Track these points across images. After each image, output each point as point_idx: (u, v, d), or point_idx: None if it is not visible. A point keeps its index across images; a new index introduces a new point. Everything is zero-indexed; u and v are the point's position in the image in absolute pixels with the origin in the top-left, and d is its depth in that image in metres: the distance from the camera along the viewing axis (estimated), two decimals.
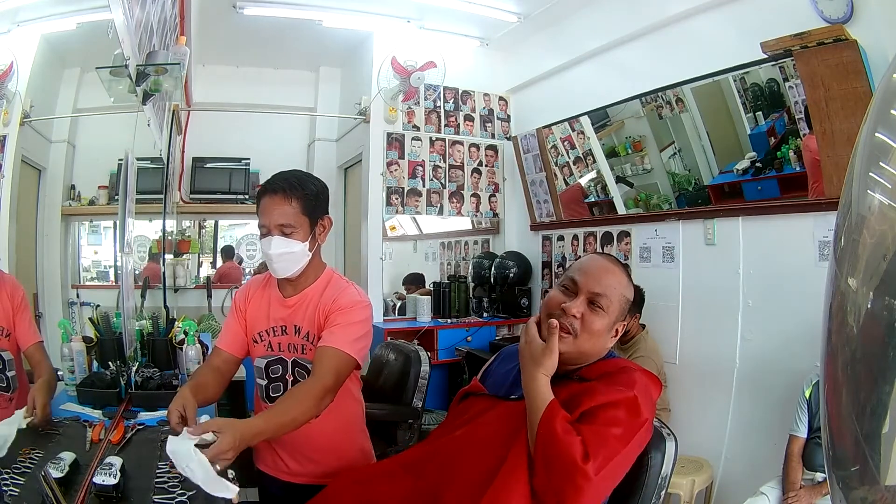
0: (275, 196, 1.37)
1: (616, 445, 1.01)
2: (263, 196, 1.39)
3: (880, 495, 0.70)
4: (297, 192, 1.37)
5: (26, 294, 1.56)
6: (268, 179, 1.42)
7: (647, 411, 1.06)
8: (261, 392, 1.49)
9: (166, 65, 1.85)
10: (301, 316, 1.44)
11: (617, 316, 1.16)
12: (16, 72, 1.73)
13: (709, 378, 2.56)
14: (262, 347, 1.47)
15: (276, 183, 1.39)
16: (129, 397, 1.55)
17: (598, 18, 3.15)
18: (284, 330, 1.45)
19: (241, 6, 3.21)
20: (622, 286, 1.17)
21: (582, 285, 1.16)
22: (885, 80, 0.83)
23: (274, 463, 1.48)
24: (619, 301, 1.16)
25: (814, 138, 2.17)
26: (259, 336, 1.47)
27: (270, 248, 1.36)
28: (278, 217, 1.36)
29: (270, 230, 1.37)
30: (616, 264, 1.22)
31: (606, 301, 1.14)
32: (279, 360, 1.46)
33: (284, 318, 1.45)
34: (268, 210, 1.37)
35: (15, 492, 0.97)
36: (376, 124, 3.67)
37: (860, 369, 0.74)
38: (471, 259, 4.14)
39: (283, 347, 1.45)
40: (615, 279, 1.17)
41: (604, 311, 1.14)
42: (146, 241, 3.49)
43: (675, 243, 2.79)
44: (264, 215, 1.38)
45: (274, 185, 1.38)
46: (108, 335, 1.74)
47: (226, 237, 4.80)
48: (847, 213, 0.76)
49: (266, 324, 1.46)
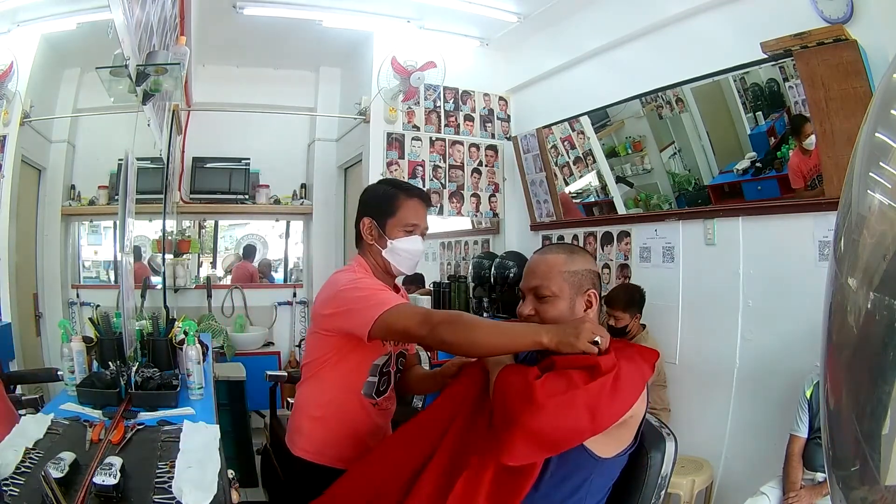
0: (426, 205, 1.55)
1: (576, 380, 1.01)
2: (420, 199, 1.54)
3: (880, 495, 0.70)
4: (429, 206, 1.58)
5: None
6: (415, 187, 1.59)
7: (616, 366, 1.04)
8: (368, 389, 1.50)
9: (166, 65, 1.85)
10: None
11: (572, 292, 1.20)
12: (16, 72, 1.73)
13: (709, 378, 2.56)
14: (388, 345, 1.52)
15: (424, 194, 1.58)
16: (129, 397, 1.55)
17: (598, 18, 3.15)
18: None
19: (241, 6, 3.21)
20: (560, 264, 1.21)
21: (524, 287, 1.24)
22: (885, 80, 0.83)
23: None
24: (564, 278, 1.20)
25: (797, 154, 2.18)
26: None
27: (419, 245, 1.53)
28: (426, 222, 1.55)
29: (420, 232, 1.53)
30: (550, 251, 1.27)
31: (547, 288, 1.19)
32: (393, 355, 1.55)
33: None
34: (421, 213, 1.54)
35: (15, 492, 0.97)
36: (376, 124, 3.66)
37: (860, 369, 0.74)
38: (471, 259, 4.14)
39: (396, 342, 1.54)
40: (547, 264, 1.22)
41: (551, 296, 1.19)
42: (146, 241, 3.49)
43: (675, 243, 2.79)
44: (421, 218, 1.54)
45: (423, 195, 1.57)
46: (108, 335, 1.74)
47: (226, 237, 4.82)
48: (847, 213, 0.76)
49: None
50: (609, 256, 3.19)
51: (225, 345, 3.75)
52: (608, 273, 3.18)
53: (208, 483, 1.01)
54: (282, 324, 4.29)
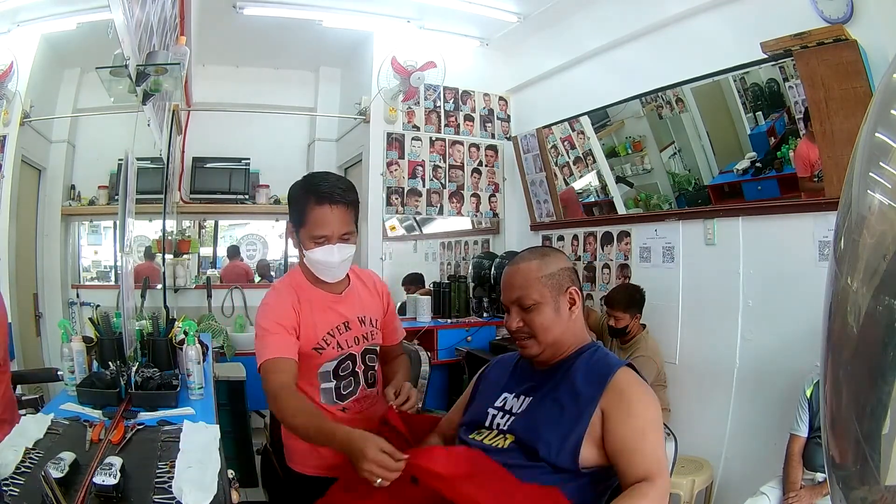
0: (340, 206, 1.38)
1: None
2: (332, 204, 1.37)
3: (880, 495, 0.70)
4: (353, 199, 1.41)
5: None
6: (319, 187, 1.39)
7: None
8: (327, 397, 1.48)
9: (166, 65, 1.85)
10: (360, 306, 1.51)
11: (553, 295, 1.20)
12: (16, 72, 1.73)
13: (709, 378, 2.56)
14: (332, 350, 1.46)
15: (335, 194, 1.38)
16: (129, 397, 1.55)
17: (598, 18, 3.15)
18: (347, 326, 1.48)
19: (241, 6, 3.21)
20: (535, 270, 1.21)
21: (505, 301, 1.24)
22: (885, 80, 0.83)
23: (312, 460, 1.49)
24: (542, 283, 1.20)
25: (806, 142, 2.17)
26: (324, 341, 1.45)
27: (334, 256, 1.39)
28: (343, 226, 1.39)
29: (330, 239, 1.38)
30: (522, 260, 1.25)
31: (529, 297, 1.19)
32: (349, 356, 1.49)
33: (343, 314, 1.48)
34: (331, 220, 1.37)
35: (15, 492, 0.97)
36: (376, 124, 3.67)
37: (860, 369, 0.74)
38: (471, 259, 4.14)
39: (350, 343, 1.48)
40: (522, 274, 1.22)
41: (534, 304, 1.19)
42: (146, 241, 3.49)
43: (675, 243, 2.79)
44: (325, 226, 1.37)
45: (334, 196, 1.37)
46: (108, 335, 1.74)
47: (226, 237, 4.81)
48: (847, 213, 0.76)
49: (327, 326, 1.46)
50: (609, 256, 3.19)
51: (225, 345, 3.74)
52: (608, 273, 3.18)
53: (208, 483, 1.01)
54: None
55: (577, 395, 1.13)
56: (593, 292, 3.24)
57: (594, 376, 1.15)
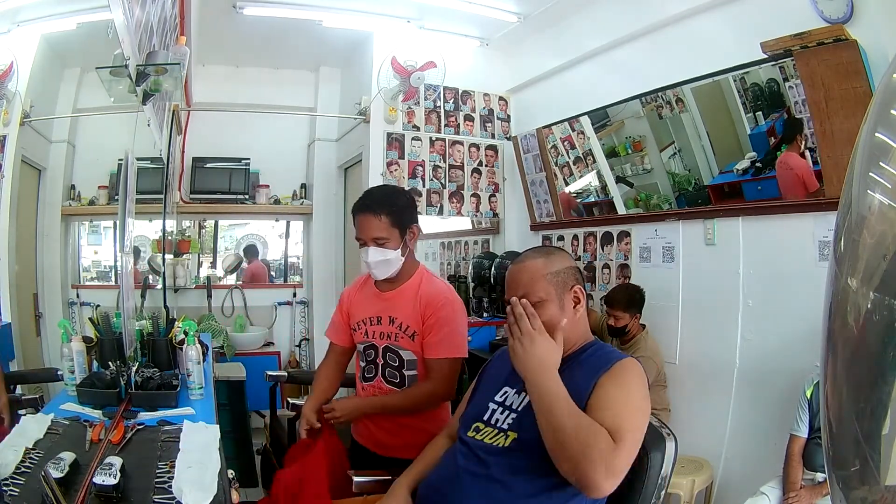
0: (366, 214, 1.61)
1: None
2: (357, 214, 1.64)
3: (880, 495, 0.70)
4: (384, 209, 1.61)
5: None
6: (360, 197, 1.66)
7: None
8: (360, 372, 1.79)
9: (166, 65, 1.85)
10: (398, 309, 1.69)
11: (557, 292, 1.20)
12: (16, 72, 1.73)
13: (709, 378, 2.56)
14: (360, 335, 1.75)
15: (366, 202, 1.63)
16: (129, 397, 1.55)
17: (598, 18, 3.15)
18: (379, 320, 1.71)
19: (241, 6, 3.21)
20: (540, 268, 1.21)
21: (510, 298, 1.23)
22: (885, 80, 0.83)
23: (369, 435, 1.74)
24: (548, 280, 1.20)
25: (793, 155, 2.17)
26: (357, 325, 1.76)
27: (368, 258, 1.62)
28: (371, 231, 1.61)
29: (366, 242, 1.62)
30: (527, 258, 1.26)
31: (534, 294, 1.19)
32: (371, 345, 1.73)
33: (380, 310, 1.71)
34: (362, 226, 1.63)
35: (15, 492, 0.97)
36: (376, 124, 3.66)
37: (860, 369, 0.74)
38: (471, 259, 4.14)
39: (375, 335, 1.72)
40: (528, 271, 1.22)
41: (539, 302, 1.18)
42: (146, 241, 3.49)
43: (675, 243, 2.79)
44: (359, 230, 1.64)
45: (364, 204, 1.63)
46: (108, 335, 1.74)
47: (226, 237, 4.81)
48: (847, 213, 0.76)
49: (363, 314, 1.74)
50: (609, 256, 3.19)
51: (225, 345, 3.75)
52: (608, 273, 3.18)
53: (208, 483, 1.01)
54: (282, 324, 4.29)
55: (579, 391, 1.13)
56: (593, 292, 3.24)
57: (595, 368, 1.15)
